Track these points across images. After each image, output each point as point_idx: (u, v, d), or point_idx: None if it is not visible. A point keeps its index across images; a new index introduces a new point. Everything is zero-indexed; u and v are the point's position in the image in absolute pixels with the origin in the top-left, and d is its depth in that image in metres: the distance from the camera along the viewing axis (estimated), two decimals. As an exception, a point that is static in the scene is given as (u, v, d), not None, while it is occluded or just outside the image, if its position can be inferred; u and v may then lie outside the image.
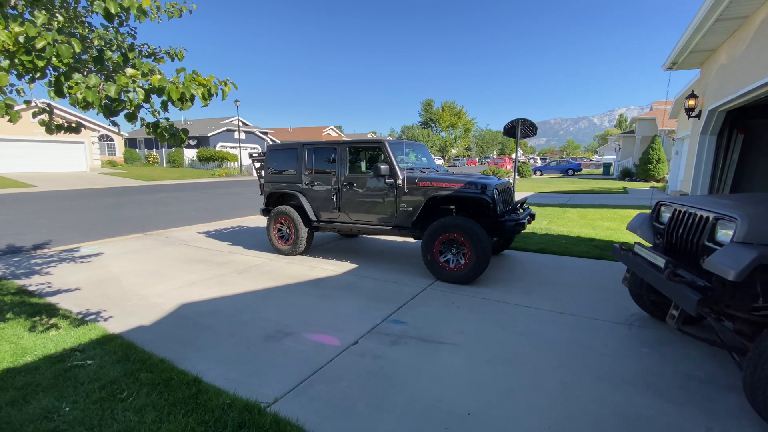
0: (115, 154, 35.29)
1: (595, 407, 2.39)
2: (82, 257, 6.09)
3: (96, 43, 3.10)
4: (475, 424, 2.26)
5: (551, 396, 2.51)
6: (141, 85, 2.30)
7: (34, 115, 2.66)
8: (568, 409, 2.38)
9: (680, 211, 2.85)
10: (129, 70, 2.30)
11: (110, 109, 2.29)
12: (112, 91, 2.17)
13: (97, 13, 2.47)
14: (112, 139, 35.59)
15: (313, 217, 5.90)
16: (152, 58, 3.48)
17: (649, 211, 3.27)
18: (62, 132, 2.85)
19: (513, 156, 43.83)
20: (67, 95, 2.16)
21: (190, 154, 35.69)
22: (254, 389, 2.57)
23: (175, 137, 2.72)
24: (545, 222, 9.00)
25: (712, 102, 4.73)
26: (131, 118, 2.45)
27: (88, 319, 3.70)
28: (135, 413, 2.30)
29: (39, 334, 3.32)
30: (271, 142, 32.70)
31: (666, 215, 3.07)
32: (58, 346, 3.12)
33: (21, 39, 1.93)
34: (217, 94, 2.49)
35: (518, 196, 6.51)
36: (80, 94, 2.10)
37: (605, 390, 2.57)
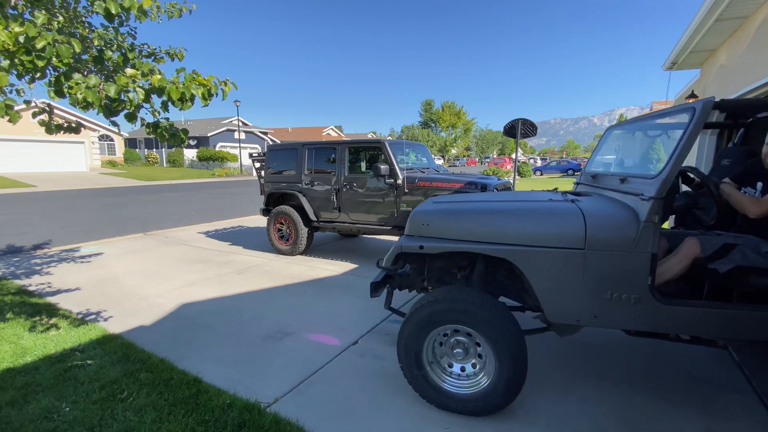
0: (115, 154, 35.29)
1: (596, 407, 2.39)
2: (82, 257, 6.09)
3: (96, 43, 3.10)
4: (475, 424, 2.26)
5: (551, 396, 2.51)
6: (141, 85, 2.30)
7: (34, 115, 2.66)
8: (568, 409, 2.38)
9: None
10: (129, 70, 2.30)
11: (110, 109, 2.29)
12: (112, 91, 2.17)
13: (97, 13, 2.47)
14: (112, 139, 35.60)
15: (313, 217, 5.91)
16: (152, 58, 3.48)
17: None
18: (62, 132, 2.85)
19: (513, 156, 43.82)
20: (67, 95, 2.16)
21: (190, 154, 35.69)
22: (254, 389, 2.57)
23: (175, 137, 2.72)
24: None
25: (712, 102, 4.74)
26: (131, 118, 2.45)
27: (88, 319, 3.70)
28: (135, 413, 2.30)
29: (39, 334, 3.32)
30: (271, 142, 32.69)
31: None
32: (58, 346, 3.12)
33: (21, 39, 1.93)
34: (217, 94, 2.49)
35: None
36: (80, 94, 2.10)
37: (605, 390, 2.57)
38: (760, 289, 2.07)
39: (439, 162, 42.35)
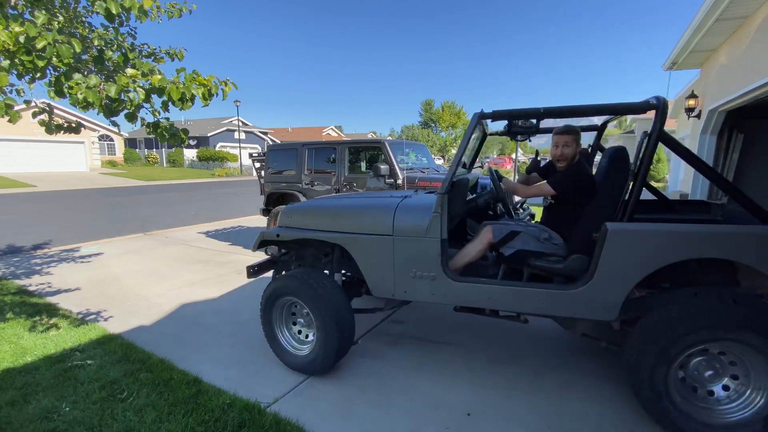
0: (115, 154, 35.28)
1: (596, 407, 2.39)
2: (82, 257, 6.09)
3: (96, 43, 3.10)
4: (475, 424, 2.26)
5: (551, 396, 2.51)
6: (141, 85, 2.30)
7: (34, 115, 2.66)
8: (568, 409, 2.38)
9: None
10: (129, 70, 2.30)
11: (110, 109, 2.29)
12: (113, 91, 2.17)
13: (97, 13, 2.47)
14: (112, 139, 35.59)
15: (313, 217, 5.89)
16: (152, 58, 3.48)
17: None
18: (62, 132, 2.85)
19: (513, 156, 43.81)
20: (68, 95, 2.16)
21: (190, 154, 35.69)
22: (254, 389, 2.57)
23: (175, 137, 2.72)
24: (545, 222, 8.99)
25: (712, 102, 4.74)
26: (131, 118, 2.45)
27: (88, 319, 3.70)
28: (135, 413, 2.30)
29: (39, 334, 3.32)
30: (271, 142, 32.69)
31: None
32: (58, 346, 3.12)
33: (21, 39, 1.93)
34: (217, 94, 2.49)
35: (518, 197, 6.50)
36: (80, 94, 2.10)
37: (605, 390, 2.57)
38: (540, 270, 2.45)
39: (439, 162, 42.26)
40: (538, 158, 3.34)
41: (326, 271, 2.99)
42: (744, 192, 2.11)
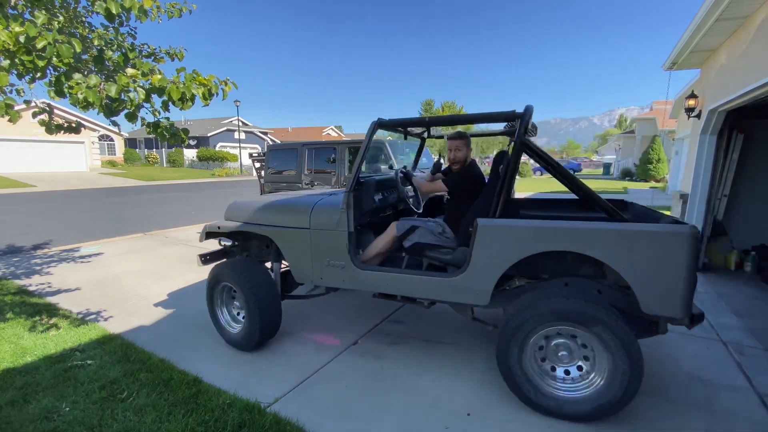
0: (115, 154, 35.26)
1: (595, 407, 2.39)
2: (82, 257, 6.09)
3: (96, 43, 3.10)
4: (475, 424, 2.26)
5: (551, 396, 2.51)
6: (141, 85, 2.30)
7: (34, 115, 2.66)
8: (568, 409, 2.38)
9: None
10: (129, 70, 2.30)
11: (111, 108, 2.29)
12: (113, 91, 2.17)
13: (97, 13, 2.47)
14: (112, 139, 35.57)
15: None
16: (152, 57, 3.48)
17: None
18: (62, 132, 2.85)
19: (513, 156, 43.64)
20: (68, 95, 2.16)
21: (190, 154, 35.68)
22: (254, 389, 2.57)
23: (175, 137, 2.72)
24: (545, 222, 8.99)
25: (712, 102, 4.73)
26: (132, 117, 2.45)
27: (88, 319, 3.70)
28: (135, 413, 2.30)
29: (39, 334, 3.32)
30: (271, 142, 32.68)
31: None
32: (58, 346, 3.12)
33: (21, 39, 1.93)
34: (217, 94, 2.49)
35: (518, 196, 6.51)
36: (81, 94, 2.10)
37: (605, 390, 2.56)
38: (432, 260, 2.79)
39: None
40: (440, 161, 3.71)
41: (268, 262, 3.36)
42: (597, 197, 2.42)
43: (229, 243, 3.57)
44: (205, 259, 3.45)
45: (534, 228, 2.26)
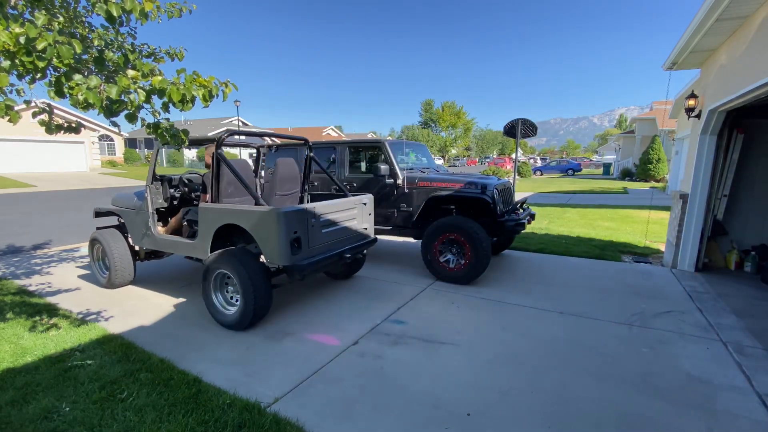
0: (115, 154, 35.25)
1: (595, 407, 2.40)
2: (82, 257, 6.10)
3: (96, 43, 3.09)
4: (475, 424, 2.26)
5: (551, 396, 2.51)
6: (142, 86, 2.30)
7: (34, 115, 2.66)
8: (568, 409, 2.39)
9: None
10: (130, 72, 2.30)
11: (111, 109, 2.28)
12: (114, 92, 2.16)
13: (98, 14, 2.47)
14: (112, 139, 35.57)
15: (313, 217, 5.91)
16: (152, 58, 3.48)
17: None
18: (62, 132, 2.84)
19: (513, 156, 43.77)
20: (68, 96, 2.16)
21: (190, 154, 35.68)
22: (254, 389, 2.57)
23: (175, 138, 2.71)
24: (545, 222, 9.00)
25: (712, 102, 4.73)
26: (132, 118, 2.44)
27: (88, 319, 3.70)
28: (135, 413, 2.31)
29: (39, 334, 3.32)
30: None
31: None
32: (58, 346, 3.12)
33: (22, 40, 1.93)
34: (217, 95, 2.49)
35: (518, 196, 6.51)
36: (81, 95, 2.10)
37: (605, 390, 2.57)
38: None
39: (439, 162, 42.30)
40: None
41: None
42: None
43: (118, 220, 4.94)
44: (97, 214, 5.09)
45: (218, 209, 3.55)
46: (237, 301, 3.52)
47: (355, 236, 4.24)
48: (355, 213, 4.26)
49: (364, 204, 4.44)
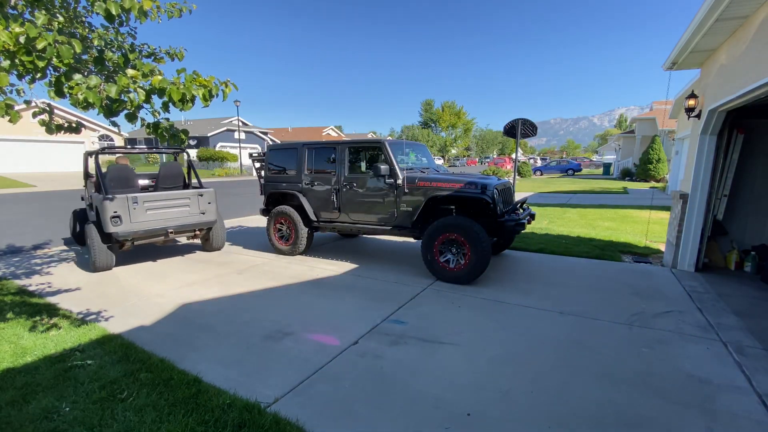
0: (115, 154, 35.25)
1: (595, 407, 2.40)
2: (82, 257, 6.09)
3: (96, 43, 3.09)
4: (475, 424, 2.26)
5: (551, 396, 2.51)
6: (142, 86, 2.30)
7: (34, 115, 2.66)
8: (568, 409, 2.38)
9: None
10: (130, 71, 2.30)
11: (111, 109, 2.29)
12: (113, 92, 2.17)
13: (97, 13, 2.47)
14: (112, 139, 35.55)
15: (313, 217, 5.90)
16: (152, 58, 3.48)
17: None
18: (62, 132, 2.85)
19: (513, 156, 43.77)
20: (68, 96, 2.16)
21: (190, 153, 35.70)
22: (254, 389, 2.57)
23: (175, 137, 2.72)
24: (545, 222, 9.00)
25: (712, 102, 4.73)
26: (132, 118, 2.44)
27: (88, 319, 3.70)
28: (135, 413, 2.31)
29: (39, 334, 3.32)
30: (271, 142, 32.65)
31: None
32: (58, 346, 3.12)
33: (22, 39, 1.93)
34: (217, 95, 2.49)
35: (518, 196, 6.52)
36: (81, 94, 2.10)
37: (605, 390, 2.57)
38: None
39: (439, 162, 42.32)
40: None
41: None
42: None
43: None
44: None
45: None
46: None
47: (185, 218, 5.66)
48: (187, 201, 5.69)
49: (201, 195, 5.83)
